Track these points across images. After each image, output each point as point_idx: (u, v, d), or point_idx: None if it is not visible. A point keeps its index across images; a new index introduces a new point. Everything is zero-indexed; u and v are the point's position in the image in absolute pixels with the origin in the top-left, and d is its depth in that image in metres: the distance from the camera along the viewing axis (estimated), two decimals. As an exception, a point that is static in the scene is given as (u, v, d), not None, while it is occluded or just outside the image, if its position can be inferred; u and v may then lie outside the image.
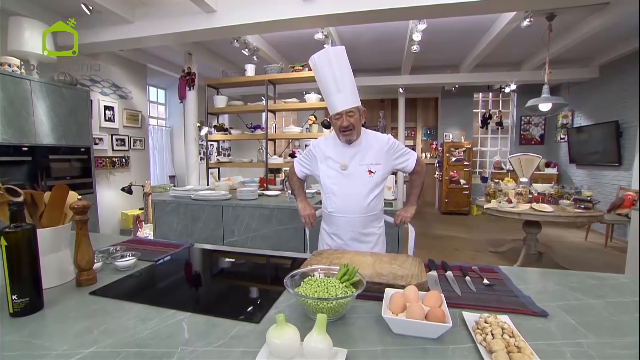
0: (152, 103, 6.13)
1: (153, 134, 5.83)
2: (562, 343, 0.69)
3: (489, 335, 0.67)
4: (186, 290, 1.06)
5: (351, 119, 1.46)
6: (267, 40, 4.81)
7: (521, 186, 3.64)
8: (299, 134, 4.20)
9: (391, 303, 0.75)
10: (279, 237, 2.67)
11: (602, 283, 1.04)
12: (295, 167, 1.76)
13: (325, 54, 1.48)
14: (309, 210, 1.64)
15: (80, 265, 0.99)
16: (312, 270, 0.90)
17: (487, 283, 1.01)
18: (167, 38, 3.66)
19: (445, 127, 7.61)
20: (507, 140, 7.45)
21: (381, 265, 1.09)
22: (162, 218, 2.88)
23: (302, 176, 1.75)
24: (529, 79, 5.83)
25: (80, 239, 0.98)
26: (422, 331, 0.69)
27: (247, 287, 1.10)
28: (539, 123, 7.03)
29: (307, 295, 0.77)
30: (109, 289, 0.98)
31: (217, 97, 4.08)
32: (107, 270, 1.12)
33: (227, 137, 4.20)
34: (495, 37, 4.14)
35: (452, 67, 6.11)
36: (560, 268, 3.60)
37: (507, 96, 7.27)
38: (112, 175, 4.55)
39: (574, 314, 0.82)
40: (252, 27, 3.52)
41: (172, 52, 4.82)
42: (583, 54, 5.28)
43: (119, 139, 4.62)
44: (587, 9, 3.71)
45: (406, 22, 4.22)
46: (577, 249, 4.59)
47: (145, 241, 1.53)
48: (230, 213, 2.75)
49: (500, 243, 4.52)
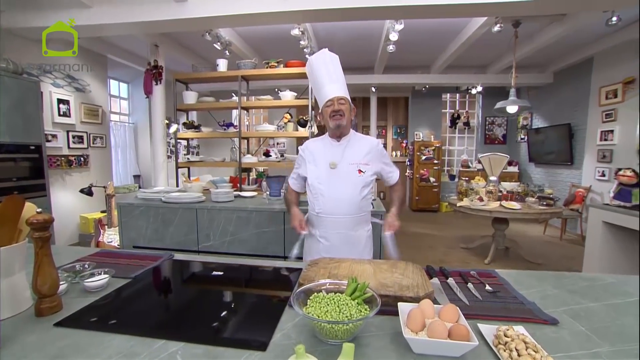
0: (114, 97, 5.66)
1: (115, 131, 5.38)
2: (581, 354, 0.68)
3: (514, 352, 0.64)
4: (174, 313, 0.92)
5: (342, 106, 1.49)
6: (240, 35, 4.61)
7: (491, 185, 3.81)
8: (274, 133, 4.08)
9: (410, 321, 0.70)
10: (258, 240, 2.56)
11: (593, 284, 1.07)
12: (290, 185, 1.72)
13: (322, 55, 1.55)
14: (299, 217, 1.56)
15: (41, 291, 0.84)
16: (319, 286, 0.83)
17: (490, 290, 1.00)
18: (132, 27, 3.37)
19: (415, 126, 7.82)
20: (473, 139, 7.81)
21: (383, 274, 1.04)
22: (129, 222, 2.65)
23: (301, 188, 1.69)
24: (494, 81, 6.14)
25: (40, 260, 0.83)
26: (446, 350, 0.65)
27: (244, 305, 0.98)
28: (502, 124, 7.44)
29: (319, 317, 0.70)
30: (79, 318, 0.83)
31: (187, 93, 3.84)
32: (73, 293, 0.97)
33: (198, 135, 3.98)
34: (466, 40, 4.29)
35: (423, 67, 6.27)
36: (526, 262, 3.83)
37: (473, 97, 7.61)
38: (69, 176, 4.13)
39: (581, 320, 0.83)
40: (226, 19, 3.35)
41: (136, 42, 4.46)
42: (540, 61, 5.65)
43: (77, 136, 4.21)
44: (547, 19, 3.96)
45: (382, 22, 4.24)
46: (537, 242, 4.91)
47: (115, 254, 1.36)
48: (205, 216, 2.59)
49: (471, 239, 4.72)
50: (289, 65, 3.74)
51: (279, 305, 0.90)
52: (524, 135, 6.68)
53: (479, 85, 6.29)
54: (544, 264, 3.83)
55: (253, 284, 1.17)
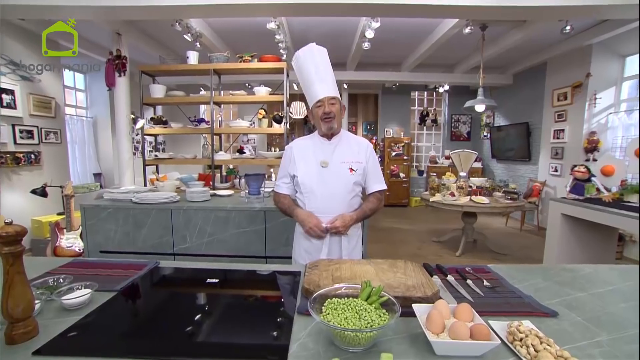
0: (69, 89, 5.16)
1: (72, 126, 4.91)
2: (586, 345, 0.72)
3: (530, 348, 0.66)
4: (176, 328, 0.82)
5: (333, 107, 1.46)
6: (212, 27, 4.40)
7: (462, 180, 4.00)
8: (248, 129, 3.96)
9: (430, 323, 0.70)
10: (238, 241, 2.47)
11: (576, 275, 1.15)
12: (279, 191, 1.59)
13: (310, 50, 1.50)
14: (314, 220, 1.43)
15: (13, 315, 0.72)
16: (332, 291, 0.80)
17: (489, 285, 1.03)
18: (90, 11, 3.08)
19: (385, 122, 7.99)
20: (440, 136, 8.15)
21: (385, 274, 1.04)
22: (95, 226, 2.43)
23: (292, 192, 1.58)
24: (460, 81, 6.43)
25: (12, 279, 0.72)
26: (468, 351, 0.66)
27: (249, 315, 0.90)
28: (466, 121, 7.84)
29: (339, 324, 0.67)
30: (60, 343, 0.73)
31: (155, 86, 3.60)
32: (49, 313, 0.85)
33: (168, 131, 3.75)
34: (437, 40, 4.43)
35: (394, 65, 6.40)
36: (493, 252, 4.08)
37: (440, 96, 7.93)
38: (17, 175, 3.71)
39: (575, 311, 0.88)
40: (198, 9, 3.17)
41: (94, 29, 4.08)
42: (501, 63, 6.02)
43: (25, 131, 3.78)
44: (510, 24, 4.22)
45: (357, 19, 4.26)
46: (500, 234, 5.25)
47: (91, 264, 1.23)
48: (181, 217, 2.45)
49: (441, 233, 4.94)
50: (264, 59, 3.63)
51: (287, 313, 0.86)
52: (487, 132, 7.09)
53: (446, 84, 6.56)
54: (509, 254, 4.11)
55: (253, 290, 1.11)
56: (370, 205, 1.53)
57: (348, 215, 1.44)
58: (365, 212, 1.51)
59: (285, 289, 1.07)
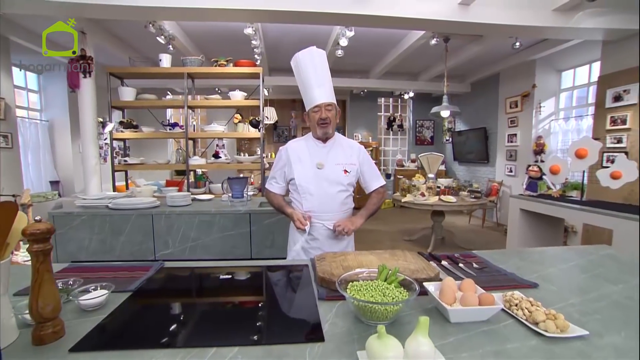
0: (20, 89, 4.73)
1: (24, 129, 4.51)
2: (563, 306, 0.88)
3: (525, 310, 0.79)
4: (204, 320, 0.85)
5: (329, 112, 1.54)
6: (184, 30, 4.31)
7: (430, 181, 4.28)
8: (224, 133, 3.93)
9: (443, 296, 0.81)
10: (223, 244, 2.46)
11: (542, 256, 1.35)
12: (271, 189, 1.67)
13: (309, 53, 1.55)
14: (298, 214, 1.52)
15: (43, 314, 0.71)
16: (355, 275, 0.89)
17: (478, 267, 1.17)
18: (52, 7, 2.90)
19: (353, 128, 8.25)
20: (406, 140, 8.58)
21: (388, 262, 1.14)
22: (66, 235, 2.29)
23: (284, 191, 1.67)
24: (424, 88, 6.85)
25: (42, 277, 0.71)
26: (478, 316, 0.77)
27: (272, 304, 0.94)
28: (429, 126, 8.33)
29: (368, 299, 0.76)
30: (93, 340, 0.73)
31: (124, 89, 3.46)
32: (66, 314, 0.84)
33: (139, 135, 3.62)
34: (404, 50, 4.72)
35: (362, 72, 6.67)
36: (461, 248, 4.38)
37: (405, 102, 8.37)
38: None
39: (550, 282, 1.04)
40: (173, 12, 3.12)
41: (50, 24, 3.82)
42: (460, 73, 6.53)
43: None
44: (469, 38, 4.62)
45: (330, 28, 4.42)
46: (465, 231, 5.65)
47: (91, 268, 1.20)
48: (162, 222, 2.39)
49: (412, 232, 5.20)
50: (239, 64, 3.64)
51: (309, 301, 0.93)
52: (449, 137, 7.60)
53: (411, 91, 6.96)
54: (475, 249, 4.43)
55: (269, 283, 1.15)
56: (374, 201, 1.66)
57: (357, 220, 1.56)
58: (370, 210, 1.63)
59: (298, 280, 1.13)
